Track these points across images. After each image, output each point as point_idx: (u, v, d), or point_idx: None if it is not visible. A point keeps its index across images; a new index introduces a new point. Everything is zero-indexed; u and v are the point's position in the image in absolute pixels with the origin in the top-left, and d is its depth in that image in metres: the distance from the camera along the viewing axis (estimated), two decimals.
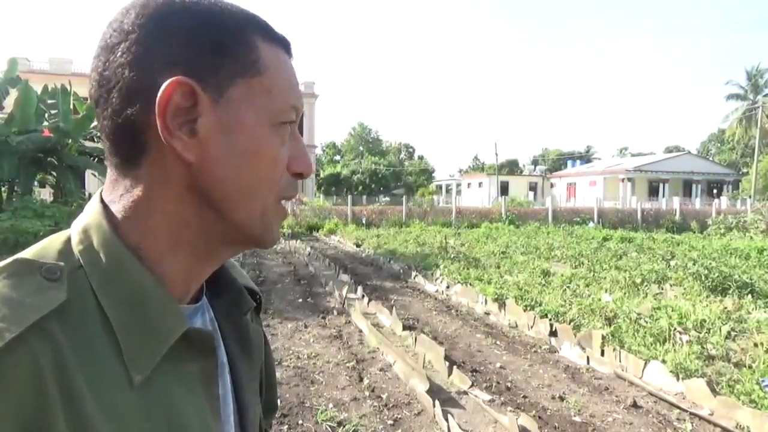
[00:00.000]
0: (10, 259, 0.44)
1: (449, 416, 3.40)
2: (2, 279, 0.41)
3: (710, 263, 8.17)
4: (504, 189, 44.60)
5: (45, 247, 0.47)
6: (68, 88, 10.72)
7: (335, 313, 6.52)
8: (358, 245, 14.64)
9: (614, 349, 4.69)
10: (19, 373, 0.37)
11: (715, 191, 40.36)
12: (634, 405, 3.84)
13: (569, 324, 5.43)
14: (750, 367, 4.27)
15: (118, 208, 0.49)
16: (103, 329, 0.44)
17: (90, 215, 0.49)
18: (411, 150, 74.42)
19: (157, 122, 0.46)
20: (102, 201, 0.50)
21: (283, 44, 0.54)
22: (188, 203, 0.49)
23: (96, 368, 0.42)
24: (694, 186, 41.85)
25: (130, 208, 0.48)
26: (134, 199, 0.48)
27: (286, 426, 3.44)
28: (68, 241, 0.48)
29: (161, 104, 0.45)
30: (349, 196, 24.09)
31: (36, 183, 11.12)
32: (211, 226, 0.50)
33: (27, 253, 0.46)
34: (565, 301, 6.41)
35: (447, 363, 4.42)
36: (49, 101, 10.70)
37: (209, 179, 0.48)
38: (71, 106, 10.64)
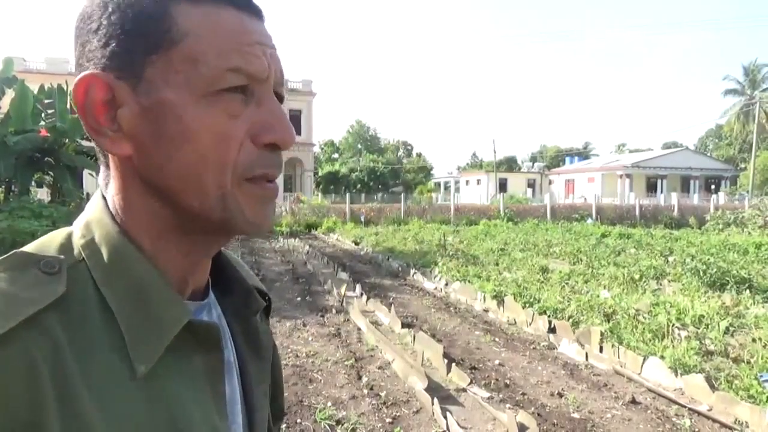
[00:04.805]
0: (9, 253, 0.43)
1: (448, 414, 3.40)
2: None
3: (708, 259, 8.18)
4: (502, 186, 44.67)
5: (46, 242, 0.46)
6: (65, 88, 10.66)
7: (334, 311, 6.51)
8: (356, 243, 14.64)
9: (613, 346, 4.69)
10: (11, 369, 0.37)
11: (713, 187, 40.45)
12: (633, 401, 3.84)
13: (568, 321, 5.43)
14: (748, 362, 4.28)
15: (111, 204, 0.48)
16: (103, 322, 0.43)
17: (92, 211, 0.48)
18: (409, 148, 74.41)
19: None
20: (103, 197, 0.49)
21: None
22: (149, 195, 0.47)
23: (96, 361, 0.41)
24: (692, 182, 41.89)
25: (117, 203, 0.48)
26: (114, 194, 0.48)
27: (285, 425, 3.44)
28: (70, 235, 0.47)
29: (76, 105, 0.45)
30: (348, 194, 24.07)
31: (33, 183, 11.07)
32: (171, 218, 0.47)
33: (28, 248, 0.45)
34: (563, 297, 6.41)
35: (446, 360, 4.42)
36: (46, 101, 10.65)
37: (149, 170, 0.46)
38: (68, 106, 10.57)
